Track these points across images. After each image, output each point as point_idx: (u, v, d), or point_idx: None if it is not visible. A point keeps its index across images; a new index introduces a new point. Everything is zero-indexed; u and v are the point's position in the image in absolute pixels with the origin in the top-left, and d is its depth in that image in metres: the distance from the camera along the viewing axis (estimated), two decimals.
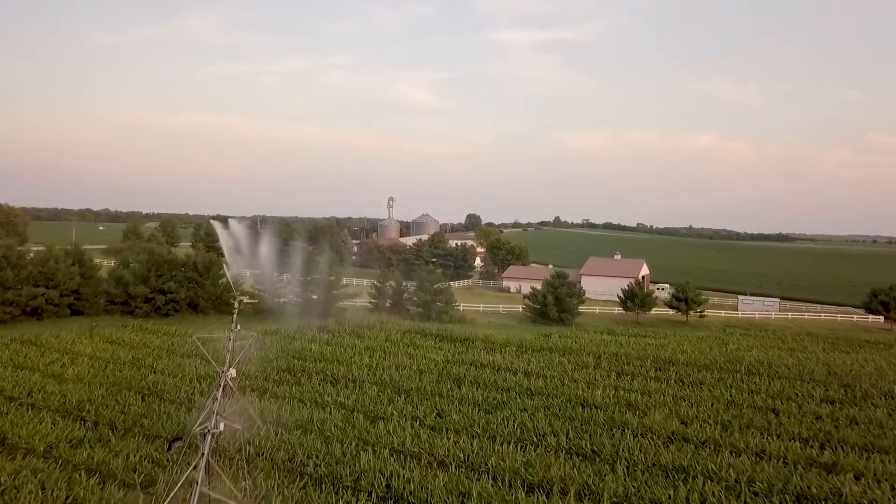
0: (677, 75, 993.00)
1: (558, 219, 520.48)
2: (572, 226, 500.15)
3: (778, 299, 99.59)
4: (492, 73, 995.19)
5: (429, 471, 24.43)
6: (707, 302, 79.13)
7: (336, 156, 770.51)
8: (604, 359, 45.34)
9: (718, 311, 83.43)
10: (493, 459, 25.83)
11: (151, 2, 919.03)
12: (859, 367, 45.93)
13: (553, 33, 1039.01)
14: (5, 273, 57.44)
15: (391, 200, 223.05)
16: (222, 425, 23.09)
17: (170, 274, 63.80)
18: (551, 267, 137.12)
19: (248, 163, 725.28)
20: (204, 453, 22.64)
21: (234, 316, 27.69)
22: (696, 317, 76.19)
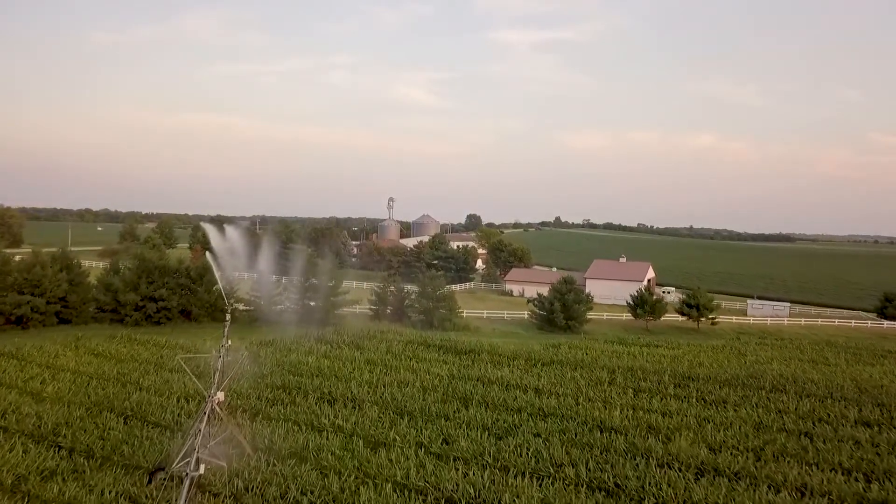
0: (677, 75, 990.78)
1: (559, 219, 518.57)
2: (573, 226, 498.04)
3: (788, 304, 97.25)
4: (492, 73, 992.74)
5: None
6: (719, 308, 76.53)
7: (336, 156, 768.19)
8: (618, 373, 42.77)
9: (729, 316, 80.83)
10: (506, 495, 23.35)
11: (151, 2, 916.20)
12: (889, 382, 43.39)
13: (553, 33, 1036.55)
14: None
15: (391, 201, 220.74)
16: (202, 467, 20.51)
17: (161, 281, 61.19)
18: (555, 269, 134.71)
19: (248, 163, 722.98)
20: (184, 497, 19.75)
21: (226, 330, 25.23)
22: (707, 323, 73.65)
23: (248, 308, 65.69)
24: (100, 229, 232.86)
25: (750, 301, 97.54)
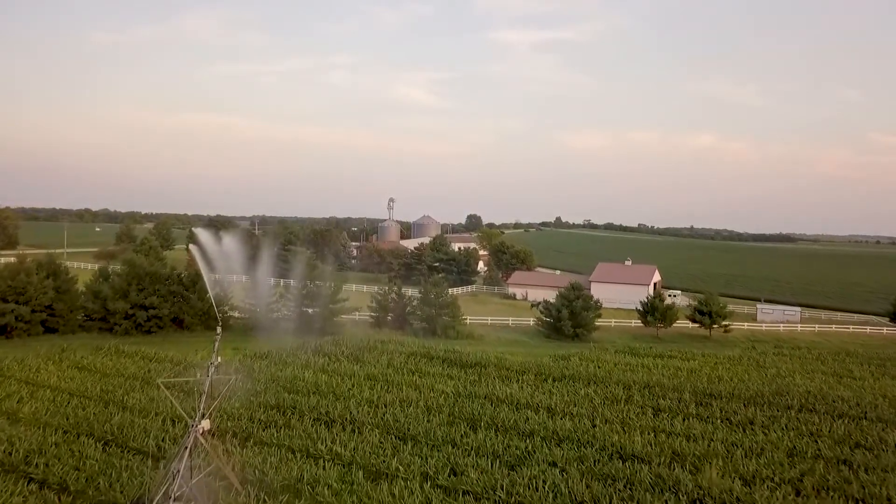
0: (677, 75, 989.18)
1: (559, 219, 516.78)
2: (573, 226, 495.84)
3: (798, 308, 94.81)
4: (492, 73, 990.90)
5: None
6: (732, 315, 73.95)
7: (336, 156, 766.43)
8: (635, 390, 40.19)
9: (741, 323, 78.16)
10: None
11: (151, 2, 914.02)
12: None
13: (553, 33, 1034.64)
14: None
15: (391, 202, 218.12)
16: None
17: (152, 288, 58.52)
18: (559, 273, 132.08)
19: (248, 163, 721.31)
20: None
21: (216, 345, 22.62)
22: (719, 331, 71.13)
23: (242, 316, 63.11)
24: (98, 230, 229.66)
25: (759, 306, 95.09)
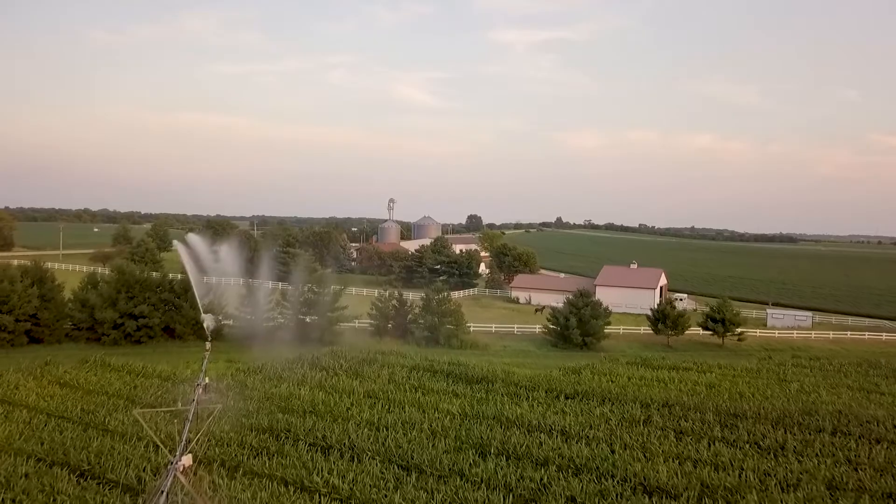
0: (677, 75, 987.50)
1: (560, 219, 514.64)
2: (574, 227, 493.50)
3: (810, 313, 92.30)
4: (491, 73, 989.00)
5: None
6: (745, 322, 71.36)
7: (336, 156, 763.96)
8: (653, 409, 37.57)
9: (753, 329, 75.48)
10: None
11: (151, 1, 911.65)
12: None
13: (552, 33, 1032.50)
14: None
15: (391, 202, 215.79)
16: None
17: (142, 296, 55.93)
18: (563, 276, 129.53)
19: (248, 163, 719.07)
20: None
21: (205, 363, 20.00)
22: (732, 339, 68.57)
23: (236, 325, 60.47)
24: (96, 230, 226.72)
25: (769, 310, 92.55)
